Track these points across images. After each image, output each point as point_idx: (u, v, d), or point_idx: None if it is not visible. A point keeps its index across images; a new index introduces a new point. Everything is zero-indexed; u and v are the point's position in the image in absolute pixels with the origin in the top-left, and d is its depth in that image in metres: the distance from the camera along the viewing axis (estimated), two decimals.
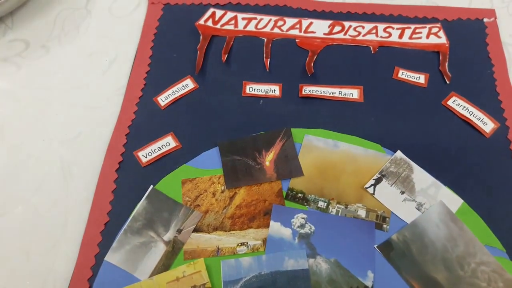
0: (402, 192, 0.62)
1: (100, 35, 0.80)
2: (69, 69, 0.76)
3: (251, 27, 0.79)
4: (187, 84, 0.72)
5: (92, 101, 0.72)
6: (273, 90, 0.72)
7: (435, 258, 0.58)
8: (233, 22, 0.80)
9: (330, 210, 0.61)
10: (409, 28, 0.79)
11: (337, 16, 0.80)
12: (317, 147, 0.67)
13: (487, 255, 0.58)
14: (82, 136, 0.69)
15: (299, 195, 0.63)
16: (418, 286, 0.56)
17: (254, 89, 0.72)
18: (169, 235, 0.59)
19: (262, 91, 0.72)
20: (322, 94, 0.71)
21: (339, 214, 0.61)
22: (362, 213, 0.61)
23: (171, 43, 0.78)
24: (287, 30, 0.79)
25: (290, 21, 0.80)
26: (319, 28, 0.79)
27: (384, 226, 0.60)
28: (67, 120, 0.70)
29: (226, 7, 0.82)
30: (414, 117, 0.69)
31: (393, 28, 0.79)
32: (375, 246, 0.59)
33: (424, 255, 0.58)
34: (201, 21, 0.80)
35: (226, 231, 0.60)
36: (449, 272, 0.57)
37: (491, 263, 0.58)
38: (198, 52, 0.75)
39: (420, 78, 0.73)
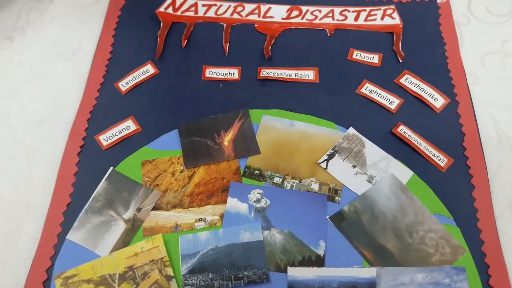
0: (354, 166, 0.65)
1: (64, 24, 0.82)
2: (33, 59, 0.77)
3: (211, 13, 0.81)
4: (148, 70, 0.74)
5: (56, 88, 0.74)
6: (232, 73, 0.74)
7: (385, 227, 0.61)
8: (193, 9, 0.82)
9: (285, 185, 0.64)
10: (365, 10, 0.81)
11: (295, 0, 0.83)
12: (274, 127, 0.69)
13: (435, 223, 0.61)
14: (45, 123, 0.70)
15: (256, 172, 0.65)
16: (368, 254, 0.59)
17: (213, 72, 0.74)
18: (128, 214, 0.61)
19: (222, 74, 0.74)
20: (279, 76, 0.74)
21: (294, 188, 0.64)
22: (315, 186, 0.64)
23: (132, 31, 0.79)
24: (246, 16, 0.81)
25: (249, 7, 0.82)
26: (277, 13, 0.81)
27: (336, 198, 0.63)
28: (31, 107, 0.72)
29: None
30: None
31: (349, 11, 0.81)
32: (327, 217, 0.61)
33: (374, 224, 0.61)
34: (162, 9, 0.81)
35: (184, 208, 0.62)
36: (399, 240, 0.60)
37: (439, 230, 0.61)
38: (158, 38, 0.77)
39: (374, 58, 0.76)
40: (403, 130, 0.67)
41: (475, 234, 0.60)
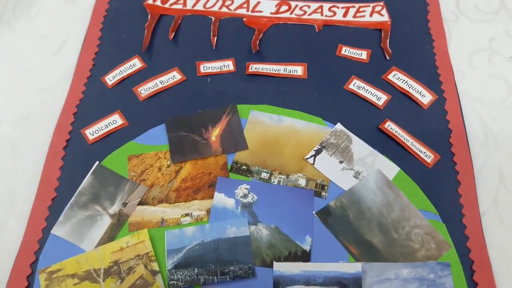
0: (341, 162, 0.65)
1: (51, 18, 0.81)
2: (19, 52, 0.76)
3: (199, 6, 0.81)
4: (135, 64, 0.73)
5: (42, 82, 0.73)
6: (227, 65, 0.74)
7: (371, 223, 0.61)
8: (181, 1, 0.81)
9: (272, 180, 0.64)
10: (354, 7, 0.81)
11: None
12: (262, 122, 0.69)
13: (421, 219, 0.62)
14: (32, 117, 0.70)
15: (243, 167, 0.65)
16: (354, 249, 0.59)
17: (207, 67, 0.73)
18: (114, 208, 0.61)
19: (217, 68, 0.73)
20: (268, 71, 0.73)
21: (281, 184, 0.64)
22: (302, 182, 0.64)
23: (120, 24, 0.79)
24: (235, 10, 0.80)
25: (238, 1, 0.82)
26: (266, 7, 0.81)
27: (323, 193, 0.63)
28: (17, 101, 0.71)
29: None
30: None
31: (337, 7, 0.81)
32: (313, 212, 0.61)
33: (360, 220, 0.61)
34: (150, 1, 0.81)
35: (171, 203, 0.62)
36: (384, 236, 0.60)
37: (424, 226, 0.61)
38: (146, 30, 0.77)
39: (362, 54, 0.76)
40: (390, 126, 0.68)
41: (460, 230, 0.61)
